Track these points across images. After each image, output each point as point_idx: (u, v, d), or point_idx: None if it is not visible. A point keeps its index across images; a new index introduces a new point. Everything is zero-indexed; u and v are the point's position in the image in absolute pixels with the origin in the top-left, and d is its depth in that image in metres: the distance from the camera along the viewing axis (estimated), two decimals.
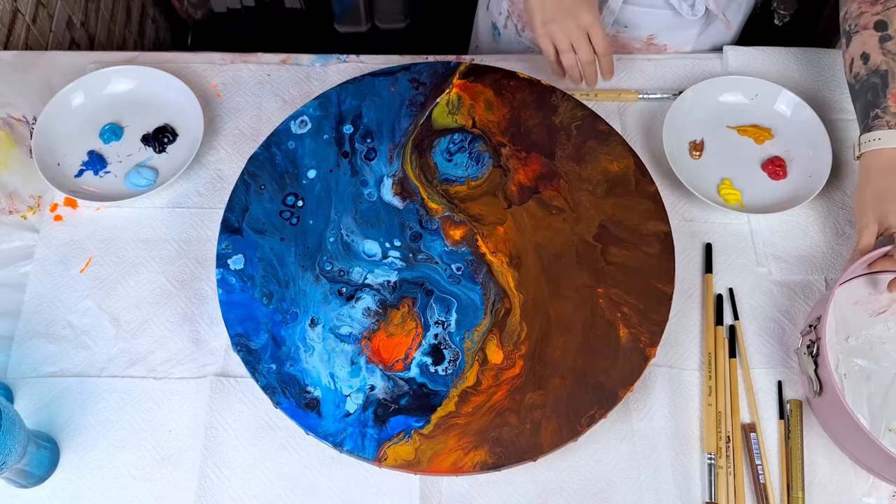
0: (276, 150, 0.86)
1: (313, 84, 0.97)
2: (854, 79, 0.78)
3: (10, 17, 1.09)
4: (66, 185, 0.89)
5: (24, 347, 0.81)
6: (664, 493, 0.75)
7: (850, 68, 0.79)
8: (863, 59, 0.77)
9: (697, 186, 0.88)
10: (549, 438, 0.71)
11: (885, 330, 0.83)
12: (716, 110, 0.95)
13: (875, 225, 0.76)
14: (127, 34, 1.51)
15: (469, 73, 0.91)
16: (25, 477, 0.72)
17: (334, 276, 0.80)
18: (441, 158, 0.86)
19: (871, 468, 0.74)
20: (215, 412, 0.78)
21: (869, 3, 0.78)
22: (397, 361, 0.76)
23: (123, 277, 0.85)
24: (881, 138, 0.75)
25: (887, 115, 0.75)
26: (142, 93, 0.95)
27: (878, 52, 0.76)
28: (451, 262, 0.80)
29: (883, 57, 0.76)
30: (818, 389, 0.72)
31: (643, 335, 0.76)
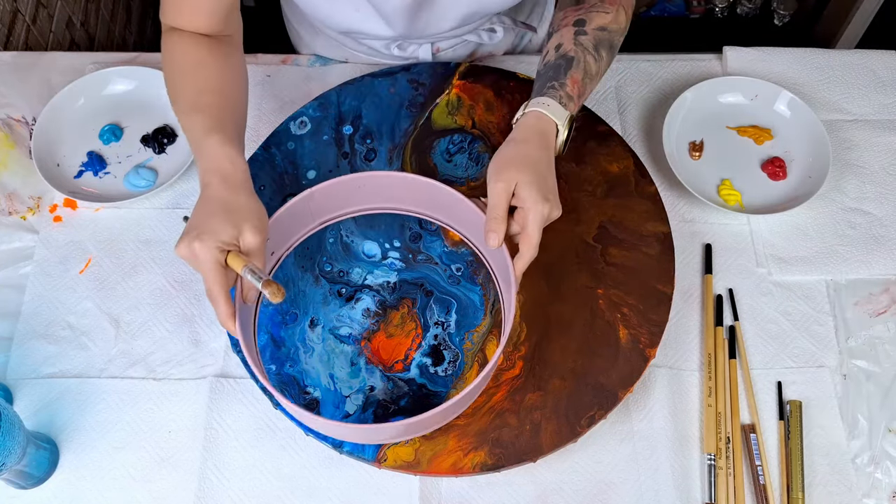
0: (275, 151, 0.86)
1: (313, 85, 0.97)
2: (544, 66, 0.77)
3: (10, 17, 1.09)
4: (66, 185, 0.89)
5: (23, 348, 0.81)
6: (664, 493, 0.75)
7: (543, 59, 0.78)
8: (555, 49, 0.77)
9: (697, 187, 0.88)
10: (548, 439, 0.71)
11: (885, 330, 0.83)
12: (715, 111, 0.95)
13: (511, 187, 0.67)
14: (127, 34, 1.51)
15: (468, 74, 0.91)
16: (25, 478, 0.72)
17: (334, 277, 0.80)
18: (441, 159, 0.86)
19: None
20: (215, 413, 0.78)
21: (573, 9, 0.79)
22: (397, 362, 0.76)
23: (123, 278, 0.85)
24: (549, 105, 0.72)
25: (562, 91, 0.74)
26: (141, 93, 0.95)
27: (571, 43, 0.76)
28: (451, 263, 0.80)
29: (573, 46, 0.76)
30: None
31: (643, 336, 0.76)
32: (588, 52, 0.76)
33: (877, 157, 0.94)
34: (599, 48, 0.77)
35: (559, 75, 0.75)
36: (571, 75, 0.75)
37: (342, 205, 0.78)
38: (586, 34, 0.77)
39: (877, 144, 0.95)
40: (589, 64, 0.76)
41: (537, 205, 0.66)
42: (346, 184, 0.74)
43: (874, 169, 0.93)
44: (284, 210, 0.72)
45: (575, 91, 0.75)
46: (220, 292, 0.63)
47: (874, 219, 0.89)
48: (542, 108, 0.73)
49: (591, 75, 0.77)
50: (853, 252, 0.87)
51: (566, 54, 0.76)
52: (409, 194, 0.78)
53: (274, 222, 0.71)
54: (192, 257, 0.63)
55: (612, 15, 0.79)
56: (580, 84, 0.75)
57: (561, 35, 0.78)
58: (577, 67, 0.75)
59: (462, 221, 0.78)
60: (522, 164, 0.68)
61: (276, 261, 0.77)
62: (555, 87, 0.74)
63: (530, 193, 0.67)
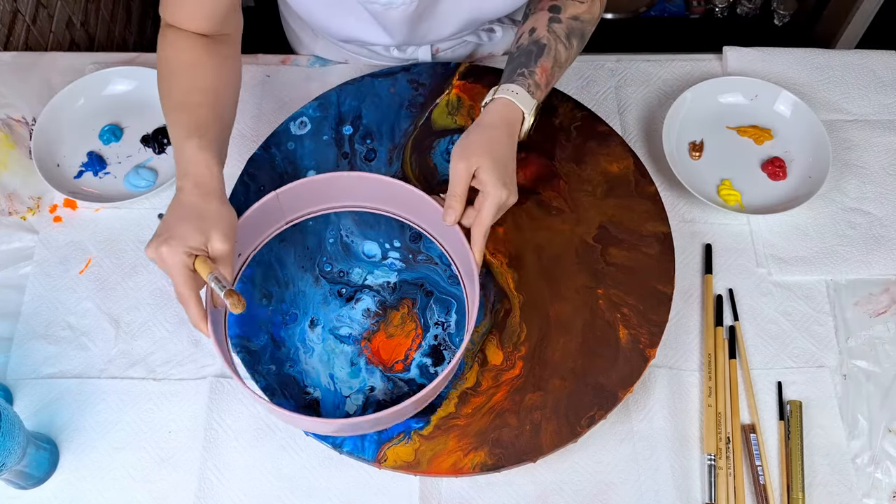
0: (275, 151, 0.86)
1: (313, 85, 0.97)
2: (516, 49, 0.79)
3: (10, 17, 1.09)
4: (66, 186, 0.89)
5: (23, 349, 0.81)
6: (664, 494, 0.75)
7: (517, 41, 0.80)
8: (529, 33, 0.78)
9: (697, 187, 0.88)
10: (548, 439, 0.71)
11: (885, 331, 0.83)
12: (715, 111, 0.95)
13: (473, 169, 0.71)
14: (127, 34, 1.51)
15: (468, 74, 0.91)
16: (25, 478, 0.72)
17: (334, 278, 0.80)
18: (441, 159, 0.86)
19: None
20: (215, 413, 0.78)
21: None
22: (397, 362, 0.76)
23: (123, 279, 0.85)
24: (518, 93, 0.74)
25: (531, 80, 0.75)
26: (141, 93, 0.95)
27: (544, 29, 0.78)
28: (451, 264, 0.80)
29: (546, 33, 0.78)
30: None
31: (643, 336, 0.75)
32: (560, 41, 0.78)
33: (877, 157, 0.94)
34: (571, 37, 0.79)
35: (529, 62, 0.76)
36: (541, 63, 0.76)
37: (309, 203, 0.80)
38: (560, 22, 0.78)
39: (877, 144, 0.95)
40: (559, 52, 0.78)
41: (496, 189, 0.69)
42: (310, 184, 0.76)
43: (874, 169, 0.93)
44: (251, 212, 0.73)
45: (543, 79, 0.76)
46: (189, 295, 0.65)
47: (874, 219, 0.89)
48: (510, 95, 0.74)
49: (561, 64, 0.78)
50: (853, 252, 0.87)
51: (539, 40, 0.77)
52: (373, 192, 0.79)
53: (241, 224, 0.72)
54: (160, 260, 0.65)
55: (587, 5, 0.80)
56: (549, 72, 0.77)
57: (536, 19, 0.79)
58: (548, 55, 0.77)
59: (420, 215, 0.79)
60: (486, 148, 0.71)
61: (244, 261, 0.78)
62: (524, 75, 0.75)
63: (490, 178, 0.69)
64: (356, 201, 0.80)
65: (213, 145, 0.70)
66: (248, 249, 0.77)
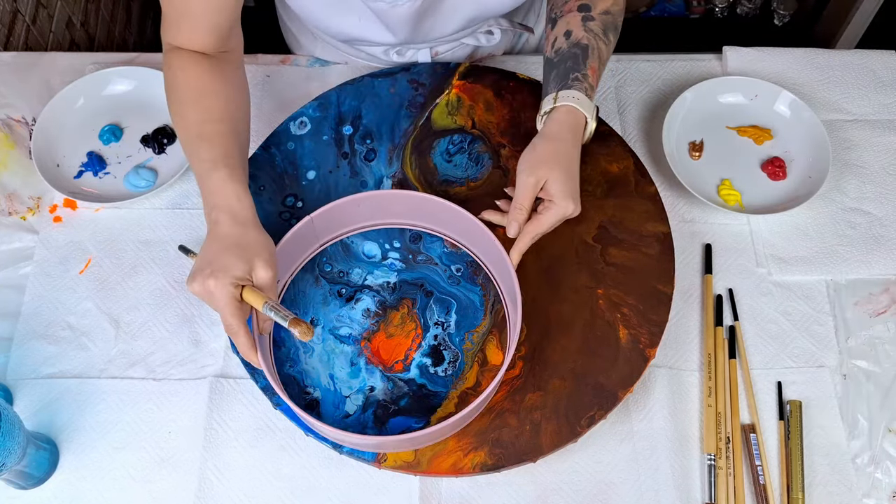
0: (275, 151, 0.86)
1: (312, 85, 0.97)
2: (555, 54, 0.78)
3: (10, 17, 1.09)
4: (66, 186, 0.89)
5: (23, 349, 0.81)
6: (664, 493, 0.75)
7: (552, 45, 0.79)
8: (565, 36, 0.78)
9: (697, 187, 0.88)
10: (548, 439, 0.71)
11: (885, 330, 0.83)
12: (715, 111, 0.95)
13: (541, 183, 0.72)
14: (127, 35, 1.51)
15: (468, 74, 0.91)
16: (25, 478, 0.72)
17: (334, 278, 0.80)
18: (441, 159, 0.86)
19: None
20: (215, 413, 0.78)
21: None
22: (397, 362, 0.76)
23: (123, 279, 0.85)
24: (579, 99, 0.75)
25: (586, 83, 0.75)
26: (141, 94, 0.95)
27: (581, 29, 0.77)
28: (451, 264, 0.80)
29: (584, 33, 0.77)
30: None
31: (643, 336, 0.75)
32: (599, 39, 0.77)
33: (877, 157, 0.94)
34: (608, 32, 0.78)
35: (579, 65, 0.76)
36: (590, 64, 0.76)
37: (342, 225, 0.80)
38: (594, 19, 0.78)
39: (877, 144, 0.95)
40: (601, 50, 0.78)
41: (563, 201, 0.72)
42: (344, 206, 0.76)
43: (874, 169, 0.93)
44: (287, 238, 0.74)
45: (595, 80, 0.76)
46: (239, 326, 0.65)
47: (874, 219, 0.89)
48: (572, 101, 0.74)
49: (604, 62, 0.79)
50: (853, 252, 0.87)
51: (579, 42, 0.77)
52: (406, 209, 0.79)
53: (278, 251, 0.72)
54: (207, 294, 0.64)
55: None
56: (597, 72, 0.77)
57: (567, 21, 0.78)
58: (594, 55, 0.77)
59: (461, 231, 0.79)
60: (555, 161, 0.72)
61: (282, 287, 0.78)
62: (579, 79, 0.75)
63: (560, 190, 0.71)
64: (388, 219, 0.81)
65: (238, 173, 0.70)
66: (284, 276, 0.78)
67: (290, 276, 0.78)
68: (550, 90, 0.77)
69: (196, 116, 0.72)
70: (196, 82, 0.74)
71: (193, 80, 0.74)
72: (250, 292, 0.65)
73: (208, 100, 0.73)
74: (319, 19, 0.86)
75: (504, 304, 0.77)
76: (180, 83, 0.74)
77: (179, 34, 0.75)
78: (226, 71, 0.76)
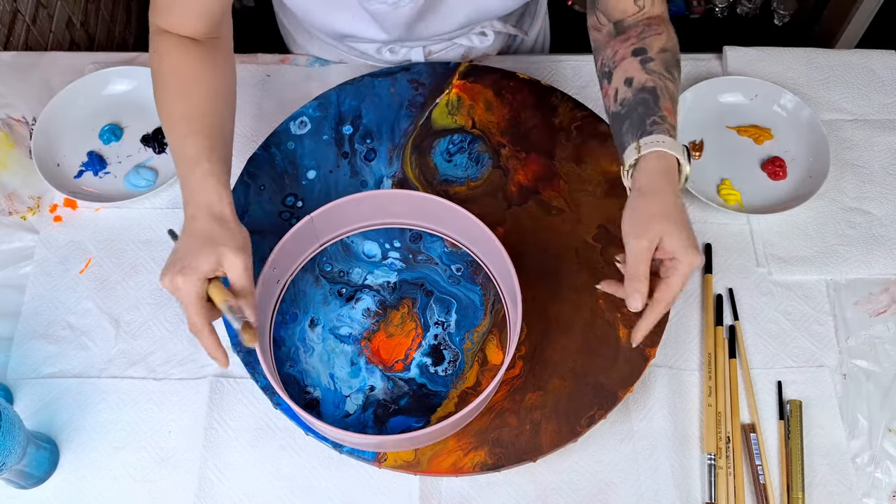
0: (275, 151, 0.86)
1: (313, 84, 0.97)
2: (620, 106, 0.71)
3: (10, 17, 1.09)
4: (66, 185, 0.89)
5: (23, 348, 0.81)
6: (664, 493, 0.75)
7: (615, 98, 0.72)
8: (626, 84, 0.71)
9: (697, 187, 0.88)
10: (548, 439, 0.71)
11: (885, 330, 0.83)
12: (715, 111, 0.95)
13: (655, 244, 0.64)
14: (127, 34, 1.51)
15: (468, 74, 0.91)
16: (25, 478, 0.72)
17: (334, 277, 0.80)
18: (441, 159, 0.86)
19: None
20: (215, 413, 0.78)
21: (621, 41, 0.74)
22: (397, 362, 0.76)
23: (123, 278, 0.85)
24: (665, 142, 0.66)
25: (667, 124, 0.68)
26: (141, 93, 0.95)
27: (642, 73, 0.71)
28: (451, 263, 0.80)
29: (647, 76, 0.71)
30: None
31: None
32: (665, 78, 0.71)
33: (877, 157, 0.94)
34: (671, 70, 0.72)
35: (653, 109, 0.69)
36: (664, 105, 0.69)
37: (342, 224, 0.79)
38: (653, 60, 0.72)
39: (877, 144, 0.95)
40: (670, 89, 0.71)
41: (689, 255, 0.63)
42: (344, 206, 0.76)
43: (874, 169, 0.93)
44: (288, 237, 0.73)
45: (675, 120, 0.70)
46: (203, 325, 0.64)
47: (874, 219, 0.89)
48: (659, 146, 0.66)
49: (676, 100, 0.72)
50: (853, 252, 0.87)
51: (644, 86, 0.71)
52: (406, 209, 0.79)
53: (278, 251, 0.72)
54: (175, 290, 0.64)
55: (665, 34, 0.74)
56: (673, 112, 0.70)
57: (624, 70, 0.72)
58: (665, 96, 0.70)
59: (461, 231, 0.78)
60: (663, 216, 0.64)
61: (282, 287, 0.78)
62: (658, 122, 0.68)
63: (680, 244, 0.63)
64: (388, 218, 0.80)
65: (219, 168, 0.69)
66: (285, 275, 0.78)
67: (290, 276, 0.78)
68: (628, 141, 0.69)
69: (180, 108, 0.71)
70: (182, 70, 0.72)
71: (180, 67, 0.73)
72: (215, 289, 0.64)
73: (193, 91, 0.72)
74: (314, 15, 0.85)
75: (504, 303, 0.77)
76: (166, 70, 0.73)
77: (170, 17, 0.73)
78: (215, 59, 0.75)
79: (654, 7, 0.75)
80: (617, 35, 0.75)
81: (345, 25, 0.86)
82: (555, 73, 0.99)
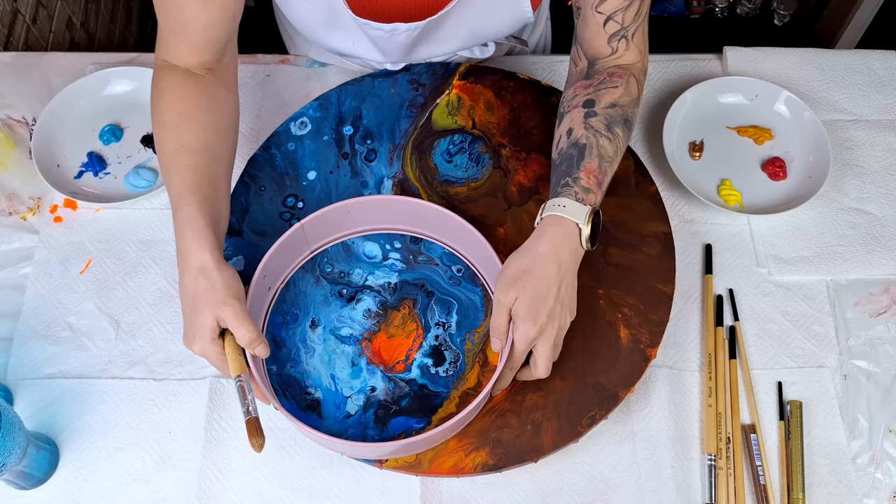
0: (275, 152, 0.86)
1: (313, 85, 0.97)
2: (557, 155, 0.74)
3: (10, 17, 1.09)
4: (66, 186, 0.89)
5: (23, 349, 0.81)
6: (665, 493, 0.75)
7: (556, 146, 0.75)
8: (567, 135, 0.73)
9: (697, 187, 0.88)
10: (549, 439, 0.71)
11: (885, 331, 0.84)
12: (716, 111, 0.95)
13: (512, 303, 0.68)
14: (127, 35, 1.51)
15: (469, 74, 0.91)
16: (25, 479, 0.72)
17: (335, 278, 0.80)
18: (441, 160, 0.86)
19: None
20: (215, 413, 0.78)
21: (583, 86, 0.76)
22: (398, 363, 0.76)
23: (123, 279, 0.85)
24: (566, 206, 0.69)
25: (576, 187, 0.70)
26: (142, 94, 0.94)
27: (581, 127, 0.73)
28: (452, 264, 0.80)
29: (584, 131, 0.72)
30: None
31: (643, 336, 0.76)
32: (601, 135, 0.73)
33: (877, 157, 0.94)
34: (613, 126, 0.73)
35: (571, 169, 0.71)
36: (586, 166, 0.71)
37: (333, 230, 0.80)
38: (596, 115, 0.73)
39: (877, 144, 0.95)
40: (603, 147, 0.72)
41: (522, 323, 0.67)
42: (334, 212, 0.76)
43: (874, 169, 0.93)
44: (278, 245, 0.74)
45: (593, 181, 0.71)
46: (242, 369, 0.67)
47: (874, 219, 0.89)
48: (558, 210, 0.69)
49: (609, 158, 0.73)
50: (853, 252, 0.87)
51: (577, 142, 0.73)
52: (395, 214, 0.79)
53: (268, 259, 0.73)
54: (202, 355, 0.67)
55: (622, 88, 0.75)
56: (597, 171, 0.71)
57: (571, 118, 0.74)
58: (591, 155, 0.72)
59: (452, 236, 0.79)
60: (526, 281, 0.67)
61: (273, 295, 0.78)
62: (568, 184, 0.71)
63: (521, 311, 0.67)
64: (381, 224, 0.81)
65: (202, 207, 0.68)
66: (276, 283, 0.78)
67: (281, 283, 0.78)
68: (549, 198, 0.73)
69: (171, 144, 0.71)
70: (178, 107, 0.72)
71: (176, 103, 0.72)
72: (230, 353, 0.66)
73: (186, 128, 0.72)
74: (315, 34, 0.86)
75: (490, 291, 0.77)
76: (163, 106, 0.73)
77: (175, 49, 0.73)
78: (216, 93, 0.74)
79: (627, 53, 0.77)
80: (585, 78, 0.77)
81: (346, 47, 0.87)
82: (555, 74, 0.99)
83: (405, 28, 0.81)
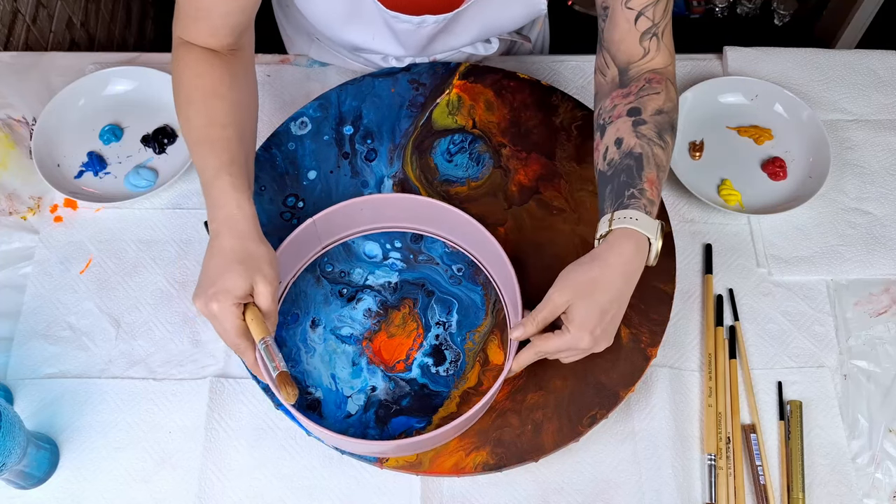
0: (276, 152, 0.86)
1: (313, 85, 0.97)
2: (608, 166, 0.70)
3: (10, 17, 1.09)
4: (66, 186, 0.88)
5: (24, 349, 0.81)
6: (665, 493, 0.75)
7: (604, 157, 0.71)
8: (616, 145, 0.70)
9: (697, 187, 0.88)
10: (550, 439, 0.71)
11: (885, 330, 0.84)
12: (716, 111, 0.95)
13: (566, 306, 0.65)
14: (127, 35, 1.51)
15: (469, 74, 0.91)
16: (25, 478, 0.72)
17: (335, 278, 0.80)
18: (441, 159, 0.86)
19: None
20: (215, 413, 0.78)
21: (621, 95, 0.73)
22: (398, 362, 0.76)
23: (123, 279, 0.85)
24: (638, 219, 0.66)
25: (644, 199, 0.67)
26: (141, 93, 0.94)
27: (632, 136, 0.70)
28: (452, 263, 0.80)
29: (637, 140, 0.69)
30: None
31: (644, 335, 0.76)
32: (654, 144, 0.70)
33: (877, 157, 0.94)
34: (663, 134, 0.71)
35: (633, 179, 0.68)
36: (646, 176, 0.68)
37: (344, 227, 0.80)
38: (645, 123, 0.70)
39: (877, 144, 0.95)
40: (658, 156, 0.70)
41: (579, 332, 0.64)
42: (346, 209, 0.76)
43: (874, 169, 0.93)
44: (290, 240, 0.74)
45: (654, 193, 0.68)
46: (247, 346, 0.66)
47: (874, 219, 0.90)
48: (630, 223, 0.66)
49: (663, 167, 0.70)
50: (853, 252, 0.87)
51: (632, 151, 0.69)
52: (408, 213, 0.79)
53: (280, 254, 0.72)
54: (211, 317, 0.65)
55: (664, 94, 0.72)
56: (657, 183, 0.69)
57: (617, 128, 0.71)
58: (649, 165, 0.69)
59: (463, 235, 0.79)
60: (591, 288, 0.65)
61: (283, 289, 0.78)
62: (635, 196, 0.67)
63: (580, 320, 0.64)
64: (390, 222, 0.81)
65: (241, 180, 0.69)
66: (286, 278, 0.78)
67: (292, 278, 0.78)
68: (605, 209, 0.69)
69: (201, 120, 0.71)
70: (204, 83, 0.72)
71: (201, 80, 0.72)
72: (252, 321, 0.65)
73: (215, 103, 0.72)
74: (333, 30, 0.85)
75: (504, 305, 0.77)
76: (188, 82, 0.73)
77: (195, 30, 0.73)
78: (236, 72, 0.75)
79: (659, 55, 0.74)
80: (620, 87, 0.74)
81: (364, 41, 0.87)
82: (555, 73, 0.99)
83: (433, 20, 0.81)
